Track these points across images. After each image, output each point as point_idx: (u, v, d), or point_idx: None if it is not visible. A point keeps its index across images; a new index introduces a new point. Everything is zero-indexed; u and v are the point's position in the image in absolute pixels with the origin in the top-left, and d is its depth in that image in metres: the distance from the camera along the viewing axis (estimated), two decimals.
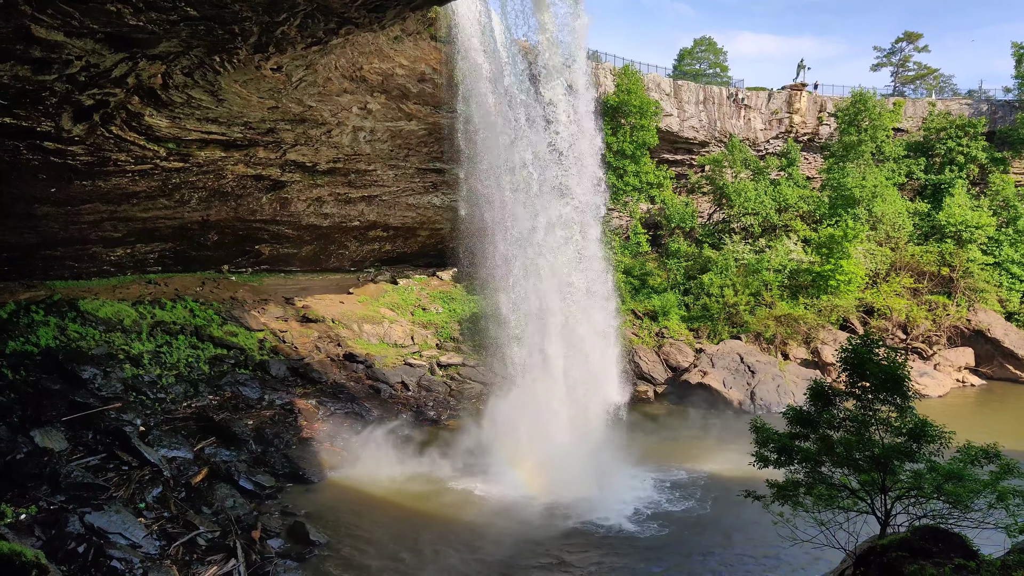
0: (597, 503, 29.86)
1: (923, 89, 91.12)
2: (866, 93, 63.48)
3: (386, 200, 47.38)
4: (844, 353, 19.51)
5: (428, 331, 49.78)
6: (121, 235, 37.84)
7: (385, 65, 35.70)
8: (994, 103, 71.18)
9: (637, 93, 55.25)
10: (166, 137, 28.93)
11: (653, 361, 51.24)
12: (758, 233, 60.34)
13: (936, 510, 17.68)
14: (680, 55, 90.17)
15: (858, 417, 18.99)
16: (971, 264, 58.83)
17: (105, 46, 16.74)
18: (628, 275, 56.31)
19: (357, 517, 28.49)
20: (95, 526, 22.99)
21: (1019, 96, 68.28)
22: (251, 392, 36.79)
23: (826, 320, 54.74)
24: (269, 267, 49.22)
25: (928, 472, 17.49)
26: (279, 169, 38.15)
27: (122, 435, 28.87)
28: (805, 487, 19.25)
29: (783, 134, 67.49)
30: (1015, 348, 55.24)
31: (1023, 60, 66.23)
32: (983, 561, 15.51)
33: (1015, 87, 69.67)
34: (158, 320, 39.13)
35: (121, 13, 14.59)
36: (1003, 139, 67.20)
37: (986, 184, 65.14)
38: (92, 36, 15.92)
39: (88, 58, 17.18)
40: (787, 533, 18.89)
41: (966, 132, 65.50)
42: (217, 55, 21.80)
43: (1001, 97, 72.70)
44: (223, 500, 27.60)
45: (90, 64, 17.69)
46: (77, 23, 14.94)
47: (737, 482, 23.93)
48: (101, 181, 30.58)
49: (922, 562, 15.50)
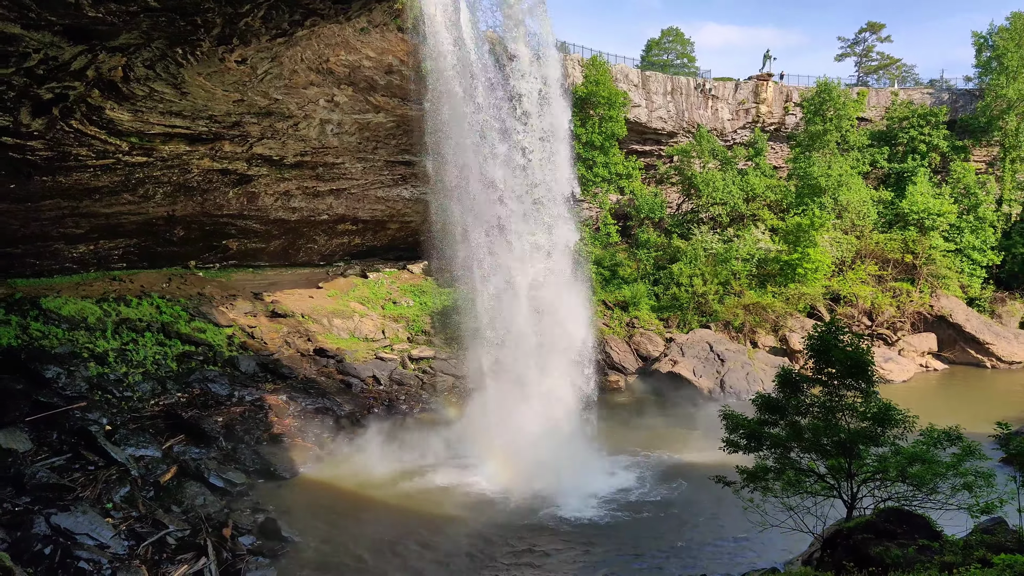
0: (568, 493, 29.98)
1: (886, 79, 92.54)
2: (831, 83, 64.22)
3: (355, 193, 47.09)
4: (811, 340, 19.83)
5: (399, 325, 49.61)
6: (84, 231, 37.22)
7: (352, 57, 35.43)
8: (955, 92, 72.34)
9: (605, 84, 55.39)
10: (128, 131, 28.47)
11: (624, 351, 51.54)
12: (726, 223, 60.87)
13: (901, 493, 18.04)
14: (648, 46, 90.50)
15: (825, 403, 19.33)
16: (933, 251, 59.87)
17: (64, 38, 16.43)
18: (598, 266, 56.54)
19: (329, 513, 28.35)
20: (62, 527, 22.61)
21: (979, 85, 69.45)
22: (220, 389, 36.41)
23: (794, 308, 55.43)
24: (237, 262, 48.69)
25: (892, 456, 17.84)
26: (246, 163, 37.74)
27: (88, 435, 28.43)
28: (774, 473, 19.55)
29: (750, 124, 68.06)
30: (976, 333, 56.38)
31: (983, 49, 67.30)
32: (946, 541, 15.86)
33: (975, 76, 70.87)
34: (123, 317, 38.55)
35: (80, 5, 14.32)
36: (964, 127, 68.36)
37: (947, 172, 66.26)
38: (50, 28, 15.61)
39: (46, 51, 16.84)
40: (757, 518, 19.17)
41: (928, 121, 66.55)
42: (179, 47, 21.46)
43: (962, 86, 73.95)
44: (193, 498, 27.30)
45: (48, 57, 17.35)
46: (35, 15, 14.65)
47: (708, 469, 24.15)
48: (62, 176, 30.05)
49: (887, 543, 15.81)
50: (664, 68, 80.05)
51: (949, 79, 77.92)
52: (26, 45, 16.06)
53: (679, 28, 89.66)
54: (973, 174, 64.79)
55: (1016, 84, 62.78)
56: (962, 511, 16.96)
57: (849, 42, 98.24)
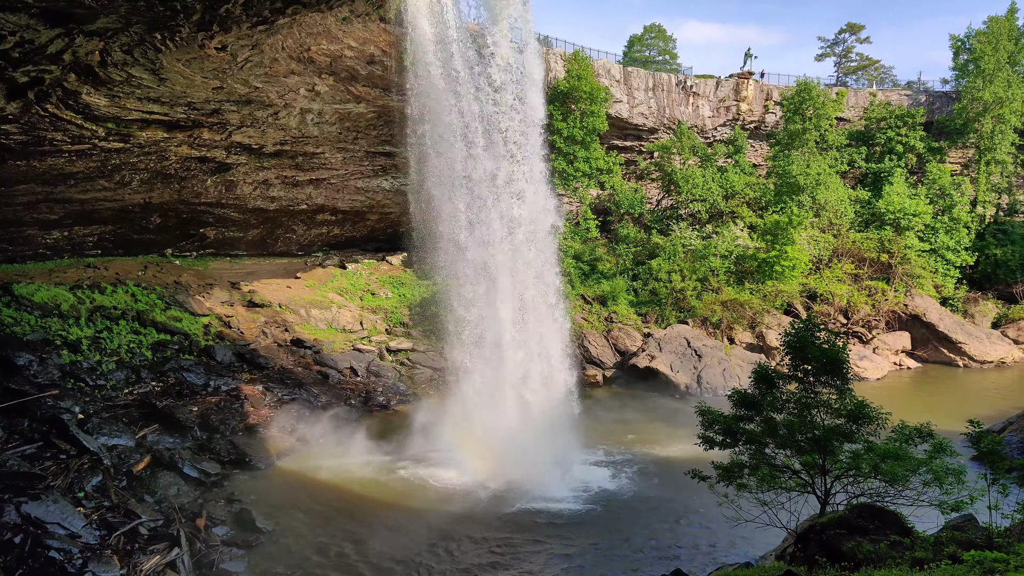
0: (544, 487, 30.06)
1: (865, 80, 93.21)
2: (810, 83, 64.62)
3: (334, 183, 46.81)
4: (787, 337, 19.99)
5: (377, 316, 49.43)
6: (58, 217, 36.72)
7: (333, 47, 35.17)
8: (932, 94, 73.13)
9: (587, 79, 55.38)
10: (105, 116, 28.09)
11: (602, 345, 51.71)
12: (705, 219, 61.18)
13: (873, 489, 18.26)
14: (630, 42, 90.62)
15: (800, 399, 19.50)
16: (908, 251, 60.61)
17: (40, 21, 16.15)
18: (578, 260, 56.63)
19: (304, 504, 28.23)
20: (32, 516, 22.32)
21: (956, 87, 70.24)
22: (196, 378, 36.11)
23: (771, 305, 55.88)
24: (214, 251, 48.26)
25: (866, 452, 18.04)
26: (224, 151, 37.38)
27: (60, 423, 28.05)
28: (749, 468, 19.70)
29: (730, 122, 68.41)
30: (949, 332, 57.10)
31: (960, 52, 68.08)
32: (917, 537, 16.06)
33: (952, 79, 71.70)
34: (98, 305, 38.08)
35: None
36: (940, 129, 69.17)
37: (923, 173, 67.03)
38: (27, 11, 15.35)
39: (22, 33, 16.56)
40: (732, 513, 19.32)
41: (905, 122, 67.26)
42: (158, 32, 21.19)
43: (939, 88, 74.75)
44: (166, 488, 27.10)
45: (24, 40, 17.05)
46: None
47: (683, 464, 24.31)
48: (36, 161, 29.62)
49: (859, 539, 16.00)
50: (646, 64, 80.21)
51: (926, 81, 78.80)
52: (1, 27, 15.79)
53: (661, 25, 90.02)
54: (948, 175, 65.64)
55: (992, 87, 63.56)
56: (933, 508, 17.22)
57: (829, 43, 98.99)
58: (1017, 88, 64.51)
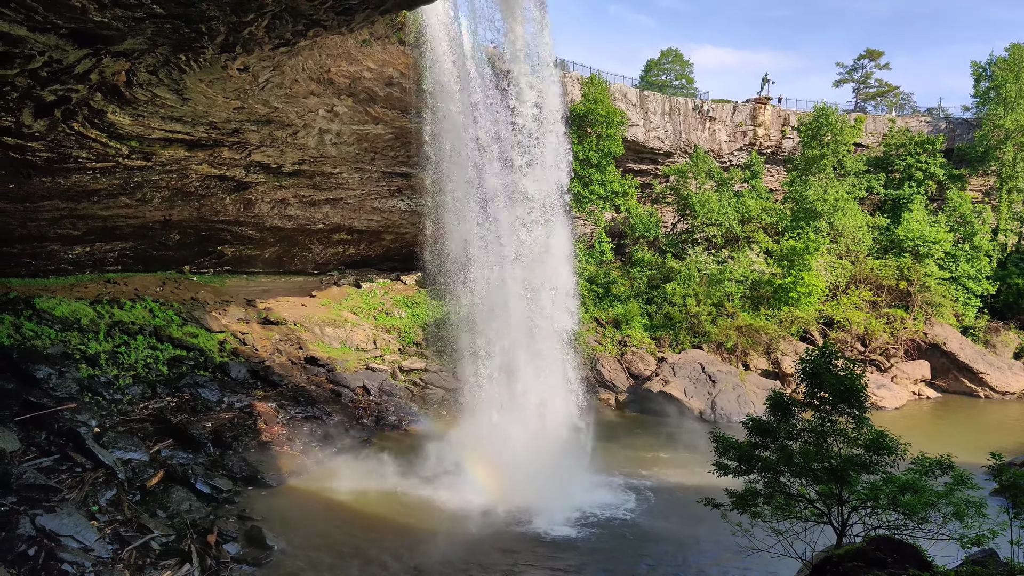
0: (553, 511, 29.86)
1: (884, 106, 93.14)
2: (828, 108, 64.56)
3: (351, 203, 47.12)
4: (803, 364, 19.86)
5: (391, 335, 49.54)
6: (80, 233, 37.14)
7: (353, 68, 35.53)
8: (952, 121, 72.84)
9: (603, 102, 55.63)
10: (129, 135, 28.43)
11: (615, 369, 51.54)
12: (721, 244, 61.05)
13: (892, 520, 18.00)
14: (647, 66, 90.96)
15: (816, 428, 19.31)
16: (928, 279, 60.04)
17: (69, 42, 16.41)
18: (592, 283, 56.60)
19: (315, 523, 28.19)
20: (47, 528, 22.44)
21: (977, 115, 69.94)
22: (210, 394, 36.27)
23: (786, 331, 55.50)
24: (231, 268, 48.63)
25: (884, 484, 17.79)
26: (244, 170, 37.74)
27: (76, 436, 28.27)
28: (764, 496, 19.51)
29: (747, 146, 68.40)
30: (970, 362, 56.44)
31: (981, 79, 67.85)
32: (937, 572, 15.82)
33: (973, 106, 71.43)
34: (116, 320, 38.43)
35: (86, 9, 14.32)
36: (961, 156, 68.78)
37: (944, 200, 66.58)
38: (56, 31, 15.60)
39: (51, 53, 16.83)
40: (745, 542, 19.11)
41: (925, 149, 66.93)
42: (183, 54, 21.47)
43: (959, 115, 74.49)
44: (179, 503, 27.16)
45: (53, 59, 17.33)
46: (41, 18, 14.63)
47: (695, 491, 24.14)
48: (61, 178, 30.00)
49: (877, 572, 15.80)
50: (663, 89, 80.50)
51: (947, 108, 78.54)
52: (31, 47, 16.04)
53: (678, 49, 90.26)
54: (969, 203, 65.12)
55: (1014, 115, 63.25)
56: (953, 542, 16.93)
57: (848, 68, 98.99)
58: None
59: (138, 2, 14.51)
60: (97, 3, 14.15)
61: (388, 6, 18.23)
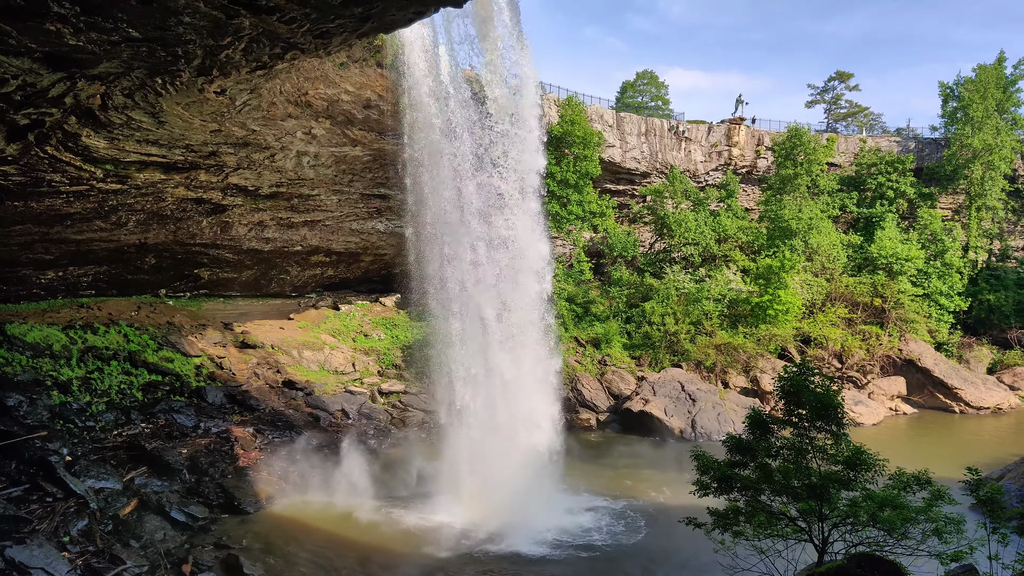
0: (532, 533, 29.79)
1: (855, 126, 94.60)
2: (801, 128, 65.50)
3: (329, 225, 46.94)
4: (781, 382, 19.95)
5: (370, 358, 49.22)
6: (53, 257, 36.66)
7: (330, 91, 35.56)
8: (921, 141, 74.15)
9: (580, 124, 56.02)
10: (104, 158, 28.20)
11: (595, 389, 51.50)
12: (698, 263, 61.47)
13: (872, 538, 18.05)
14: (623, 88, 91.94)
15: (795, 445, 19.38)
16: (902, 295, 60.82)
17: (43, 65, 16.27)
18: (571, 303, 56.69)
19: (294, 549, 27.84)
20: (16, 560, 21.93)
21: (945, 134, 71.22)
22: (186, 420, 35.78)
23: (765, 349, 55.86)
24: (208, 292, 48.17)
25: (863, 500, 17.86)
26: (221, 192, 37.51)
27: (47, 465, 27.71)
28: (745, 515, 19.50)
29: (722, 166, 69.10)
30: (945, 377, 57.09)
31: (949, 100, 69.18)
32: None
33: (941, 126, 72.76)
34: (90, 345, 37.85)
35: (61, 33, 14.22)
36: (930, 175, 69.99)
37: (915, 218, 67.63)
38: (30, 55, 15.46)
39: (25, 77, 16.67)
40: (728, 561, 19.08)
41: (895, 168, 68.05)
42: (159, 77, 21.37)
43: (928, 135, 75.83)
44: (153, 533, 26.65)
45: (26, 83, 17.17)
46: (15, 42, 14.50)
47: (677, 510, 24.07)
48: (34, 202, 29.65)
49: None
50: (639, 110, 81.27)
51: (915, 128, 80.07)
52: (4, 71, 15.88)
53: (654, 71, 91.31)
54: (940, 221, 66.22)
55: (981, 134, 64.50)
56: (932, 558, 17.01)
57: (819, 90, 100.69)
58: (1006, 135, 65.51)
59: (114, 25, 14.42)
60: (72, 27, 14.04)
61: (366, 29, 18.25)
